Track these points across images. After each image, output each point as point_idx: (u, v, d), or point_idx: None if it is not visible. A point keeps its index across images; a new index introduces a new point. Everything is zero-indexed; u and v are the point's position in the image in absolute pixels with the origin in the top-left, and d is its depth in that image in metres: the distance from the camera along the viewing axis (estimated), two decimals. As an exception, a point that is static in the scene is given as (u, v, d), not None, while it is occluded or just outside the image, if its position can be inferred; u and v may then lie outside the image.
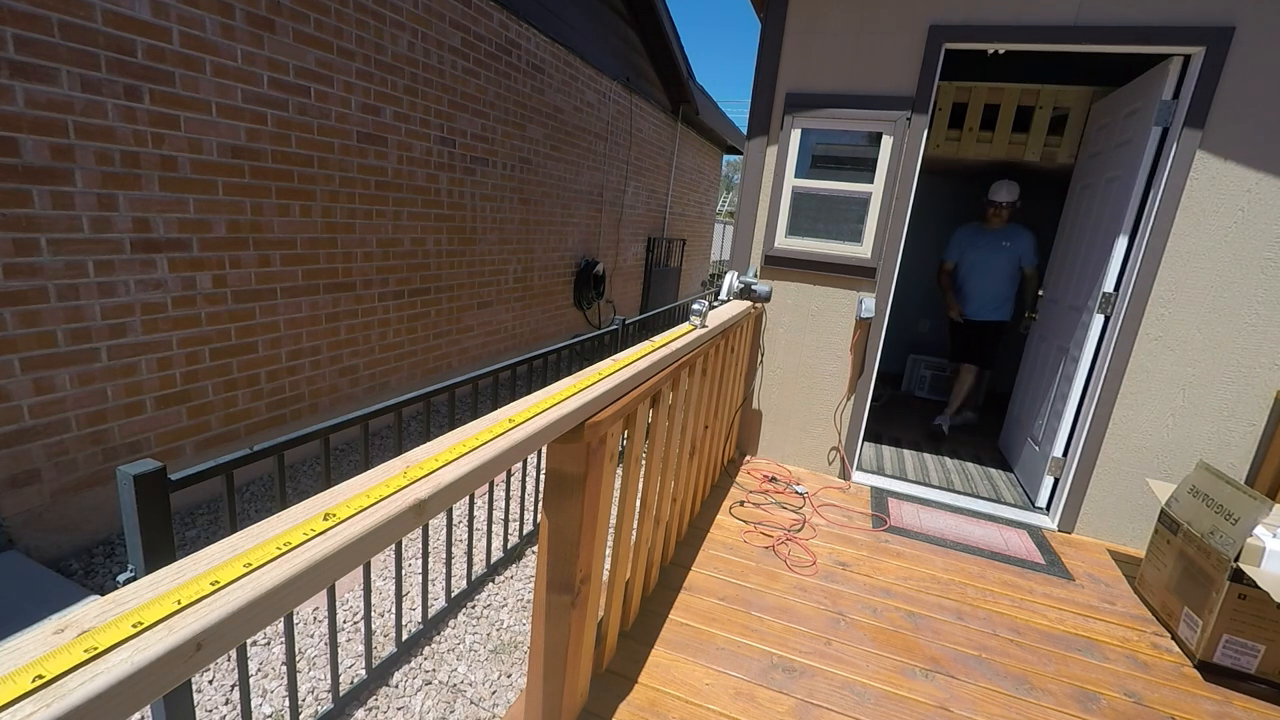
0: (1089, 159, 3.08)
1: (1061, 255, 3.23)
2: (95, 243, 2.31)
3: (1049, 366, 3.08)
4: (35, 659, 0.41)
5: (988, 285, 3.67)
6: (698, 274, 11.56)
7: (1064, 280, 3.10)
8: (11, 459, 2.20)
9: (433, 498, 0.70)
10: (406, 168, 3.77)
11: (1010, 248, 3.59)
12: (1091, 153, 3.06)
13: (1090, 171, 3.03)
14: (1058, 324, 3.08)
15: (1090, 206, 2.93)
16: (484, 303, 4.86)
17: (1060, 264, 3.21)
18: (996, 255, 3.62)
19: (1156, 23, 2.30)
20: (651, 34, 7.05)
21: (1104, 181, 2.81)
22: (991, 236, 3.63)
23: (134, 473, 0.98)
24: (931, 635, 1.98)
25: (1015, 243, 3.58)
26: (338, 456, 3.51)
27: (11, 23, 1.99)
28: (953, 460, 3.48)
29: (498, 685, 1.98)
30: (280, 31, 2.86)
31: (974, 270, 3.70)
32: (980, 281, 3.69)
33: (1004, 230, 3.61)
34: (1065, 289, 3.06)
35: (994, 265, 3.63)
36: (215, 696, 1.82)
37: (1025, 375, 3.46)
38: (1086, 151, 3.16)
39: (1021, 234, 3.59)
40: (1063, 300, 3.06)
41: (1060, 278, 3.17)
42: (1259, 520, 1.83)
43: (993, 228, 3.63)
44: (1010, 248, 3.59)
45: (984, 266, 3.66)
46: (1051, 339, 3.14)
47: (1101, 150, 2.93)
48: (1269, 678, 1.85)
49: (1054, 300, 3.20)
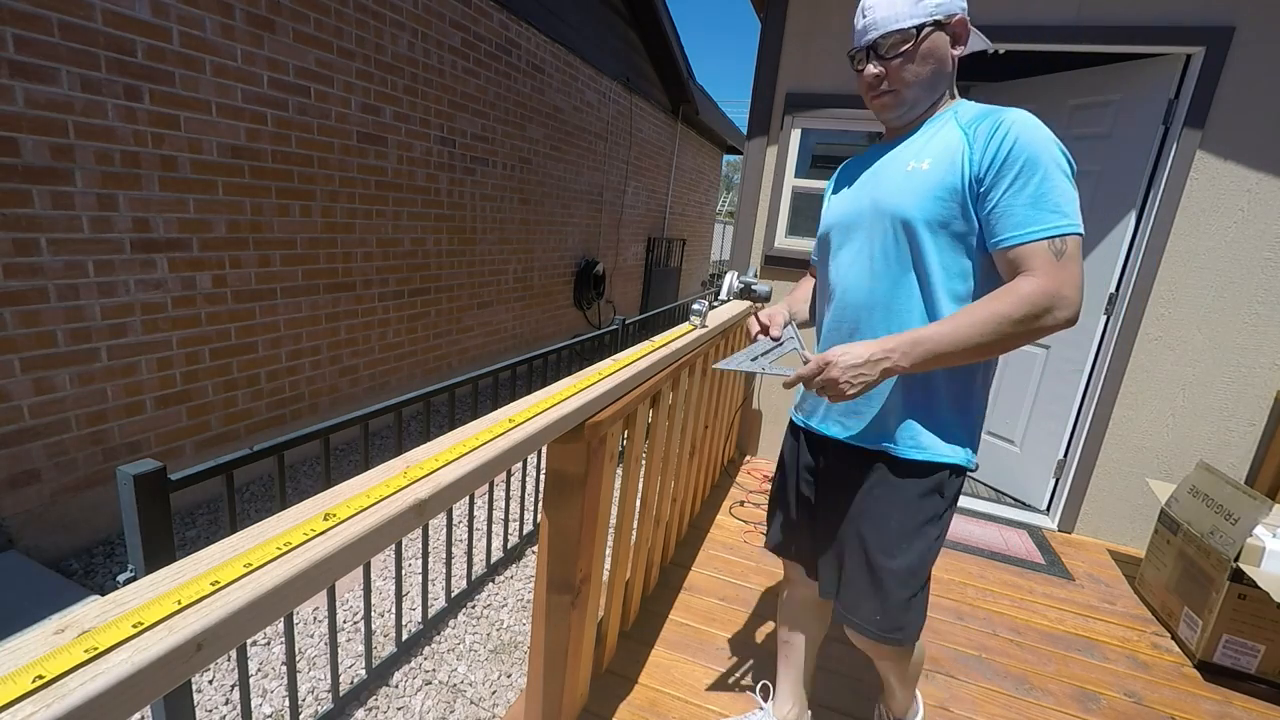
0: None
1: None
2: (95, 243, 2.31)
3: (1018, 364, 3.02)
4: (35, 659, 0.41)
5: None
6: (698, 274, 11.56)
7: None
8: (11, 459, 2.20)
9: (433, 498, 0.69)
10: (406, 168, 3.77)
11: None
12: (1060, 137, 2.89)
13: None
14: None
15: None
16: (484, 303, 4.86)
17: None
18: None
19: (1156, 22, 2.30)
20: (651, 34, 7.05)
21: (1093, 174, 2.74)
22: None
23: (134, 473, 0.98)
24: (931, 635, 1.98)
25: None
26: (338, 456, 3.51)
27: (11, 23, 1.99)
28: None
29: (498, 685, 1.98)
30: (280, 31, 2.86)
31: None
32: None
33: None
34: None
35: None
36: (215, 696, 1.82)
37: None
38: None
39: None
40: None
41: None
42: (1259, 520, 1.83)
43: None
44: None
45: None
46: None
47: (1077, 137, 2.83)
48: (1269, 678, 1.85)
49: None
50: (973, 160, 0.98)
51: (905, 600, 1.09)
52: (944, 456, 1.08)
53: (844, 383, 0.96)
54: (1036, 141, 0.94)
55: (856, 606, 1.12)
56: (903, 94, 1.05)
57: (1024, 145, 0.93)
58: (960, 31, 1.03)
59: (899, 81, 1.03)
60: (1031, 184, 0.93)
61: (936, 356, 0.95)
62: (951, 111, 1.06)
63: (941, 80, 1.05)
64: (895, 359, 0.95)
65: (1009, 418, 3.06)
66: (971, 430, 1.11)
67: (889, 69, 1.03)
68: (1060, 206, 0.92)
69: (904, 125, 1.11)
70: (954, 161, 1.00)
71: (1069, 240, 0.92)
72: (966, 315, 0.94)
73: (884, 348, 0.95)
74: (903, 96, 1.05)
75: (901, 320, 1.07)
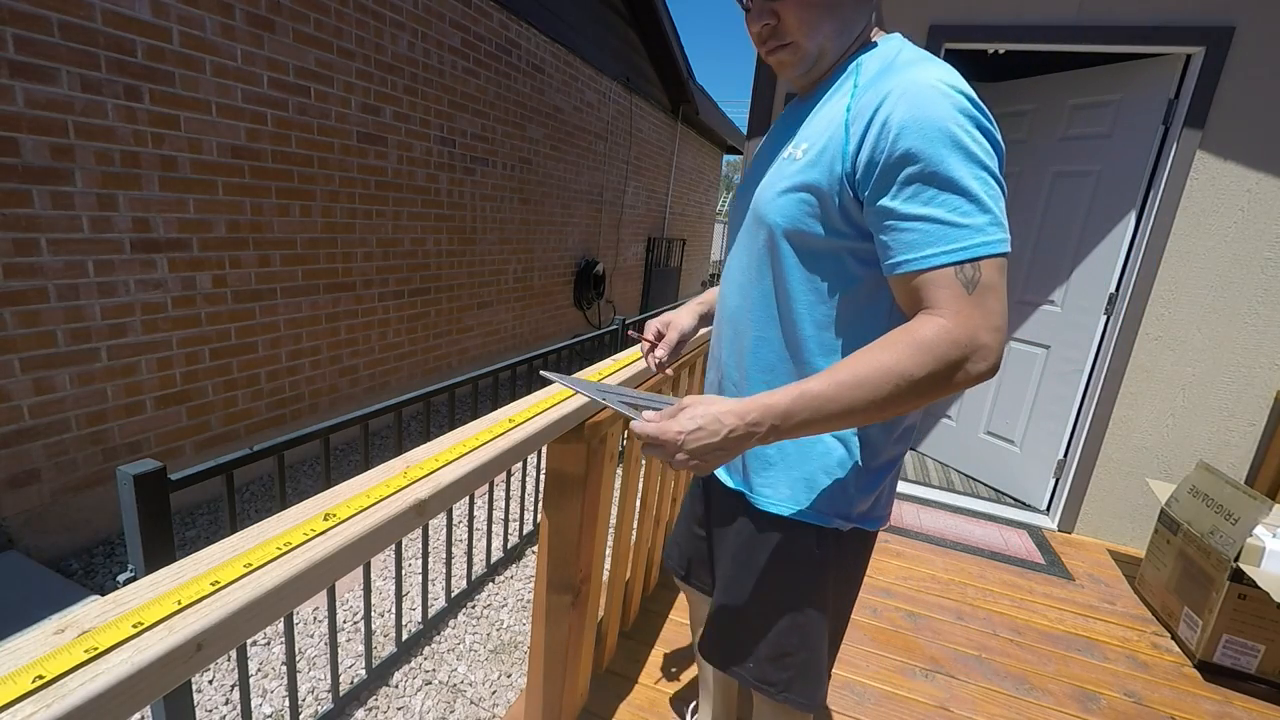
0: (1057, 143, 2.87)
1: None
2: (95, 243, 2.31)
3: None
4: (35, 659, 0.41)
5: None
6: (698, 274, 11.57)
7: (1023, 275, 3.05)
8: (11, 459, 2.20)
9: (433, 498, 0.69)
10: (406, 168, 3.77)
11: None
12: (1060, 137, 2.86)
13: (1060, 158, 2.86)
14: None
15: (1065, 198, 2.83)
16: (484, 303, 4.86)
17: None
18: None
19: (1156, 22, 2.30)
20: (651, 34, 7.05)
21: (1092, 174, 2.72)
22: None
23: (134, 473, 0.98)
24: (931, 635, 1.98)
25: None
26: (338, 456, 3.51)
27: (11, 23, 1.99)
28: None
29: (498, 685, 1.98)
30: (280, 31, 2.86)
31: None
32: None
33: None
34: (1013, 282, 2.98)
35: None
36: (215, 696, 1.82)
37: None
38: (1054, 136, 2.90)
39: None
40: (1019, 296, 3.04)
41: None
42: (1259, 520, 1.83)
43: None
44: None
45: None
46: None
47: (1069, 136, 2.82)
48: (1269, 678, 1.85)
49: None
50: (846, 153, 0.72)
51: (775, 657, 0.92)
52: (808, 516, 0.86)
53: (681, 452, 0.70)
54: (934, 122, 0.66)
55: (718, 644, 0.98)
56: (804, 47, 0.77)
57: (915, 130, 0.66)
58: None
59: (796, 30, 0.75)
60: (930, 188, 0.67)
61: (816, 425, 0.71)
62: (855, 66, 0.78)
63: (857, 16, 0.77)
64: (762, 434, 0.70)
65: (1009, 418, 3.07)
66: (868, 477, 0.85)
67: (781, 12, 0.75)
68: (970, 216, 0.66)
69: (812, 82, 0.83)
70: (826, 150, 0.74)
71: (984, 265, 0.66)
72: (852, 371, 0.68)
73: (747, 421, 0.69)
74: (804, 51, 0.77)
75: (757, 353, 0.86)
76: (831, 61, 0.80)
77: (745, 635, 0.94)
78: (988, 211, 0.66)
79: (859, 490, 0.85)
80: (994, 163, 0.68)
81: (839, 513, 0.86)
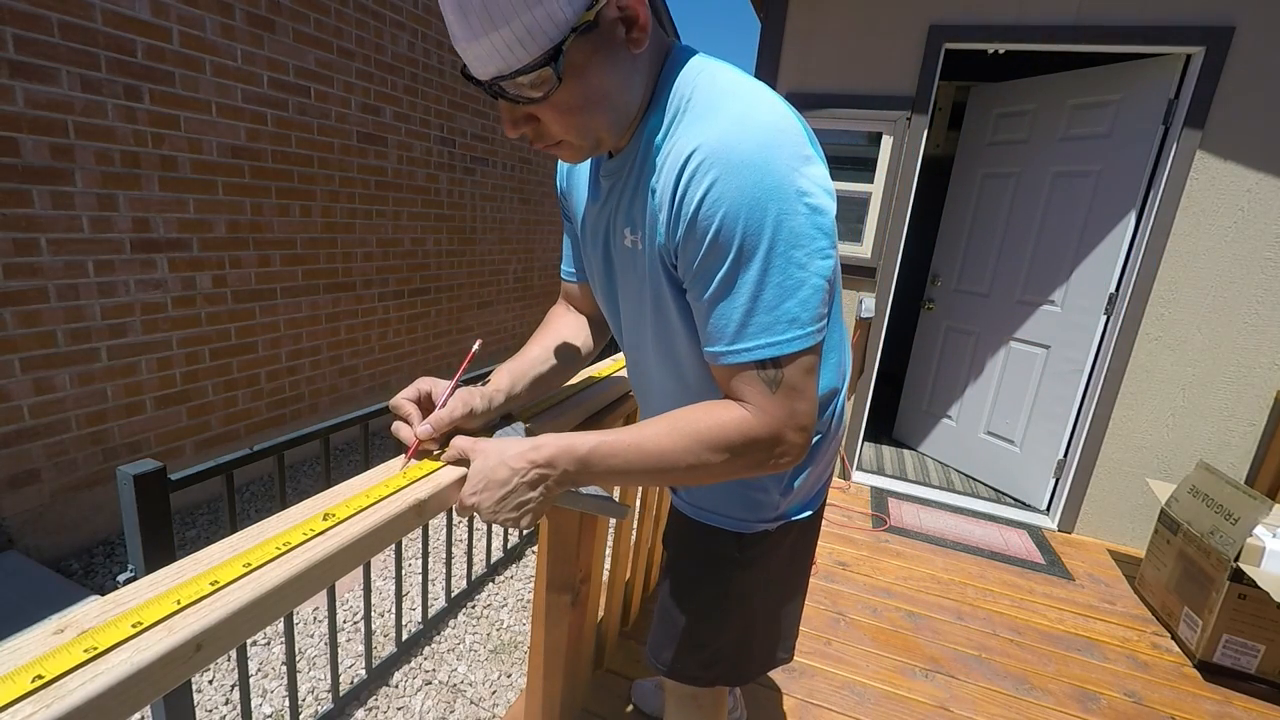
0: (1057, 143, 2.85)
1: (982, 245, 3.15)
2: (95, 243, 2.31)
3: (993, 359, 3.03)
4: (35, 659, 0.41)
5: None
6: (698, 274, 11.55)
7: (1001, 273, 3.06)
8: (11, 459, 2.20)
9: (433, 498, 0.69)
10: (406, 168, 3.77)
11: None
12: (1060, 137, 2.84)
13: (1060, 158, 2.85)
14: (1004, 317, 3.06)
15: (1065, 198, 2.82)
16: (484, 303, 4.86)
17: (982, 254, 3.15)
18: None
19: (1156, 22, 2.30)
20: (651, 34, 7.05)
21: (1092, 174, 2.72)
22: None
23: (134, 473, 0.98)
24: (931, 635, 1.98)
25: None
26: (338, 456, 3.51)
27: (11, 23, 1.99)
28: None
29: (498, 685, 1.98)
30: (280, 31, 2.86)
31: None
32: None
33: None
34: (1013, 283, 2.99)
35: None
36: (215, 696, 1.82)
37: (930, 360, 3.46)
38: (1054, 136, 2.87)
39: None
40: (1006, 295, 3.04)
41: (988, 268, 3.12)
42: (1259, 520, 1.83)
43: None
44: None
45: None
46: (997, 332, 3.09)
47: (1061, 137, 2.81)
48: (1269, 678, 1.85)
49: (984, 294, 3.15)
50: (660, 230, 0.65)
51: (697, 656, 0.94)
52: (727, 524, 0.85)
53: (486, 516, 0.68)
54: (743, 196, 0.57)
55: (654, 642, 0.99)
56: (577, 144, 0.66)
57: (719, 210, 0.58)
58: (631, 4, 0.58)
59: (562, 133, 0.64)
60: (740, 278, 0.60)
61: (616, 478, 0.67)
62: (646, 133, 0.67)
63: (630, 87, 0.64)
64: (556, 477, 0.66)
65: (1009, 418, 3.06)
66: (787, 479, 0.83)
67: (540, 116, 0.63)
68: (781, 308, 0.60)
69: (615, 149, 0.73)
70: (653, 228, 0.67)
71: (790, 365, 0.61)
72: (669, 424, 0.66)
73: (536, 462, 0.66)
74: (579, 146, 0.67)
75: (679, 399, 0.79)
76: (620, 136, 0.69)
77: (669, 630, 0.96)
78: (806, 300, 0.61)
79: (781, 494, 0.85)
80: (825, 226, 0.61)
81: (760, 517, 0.86)
